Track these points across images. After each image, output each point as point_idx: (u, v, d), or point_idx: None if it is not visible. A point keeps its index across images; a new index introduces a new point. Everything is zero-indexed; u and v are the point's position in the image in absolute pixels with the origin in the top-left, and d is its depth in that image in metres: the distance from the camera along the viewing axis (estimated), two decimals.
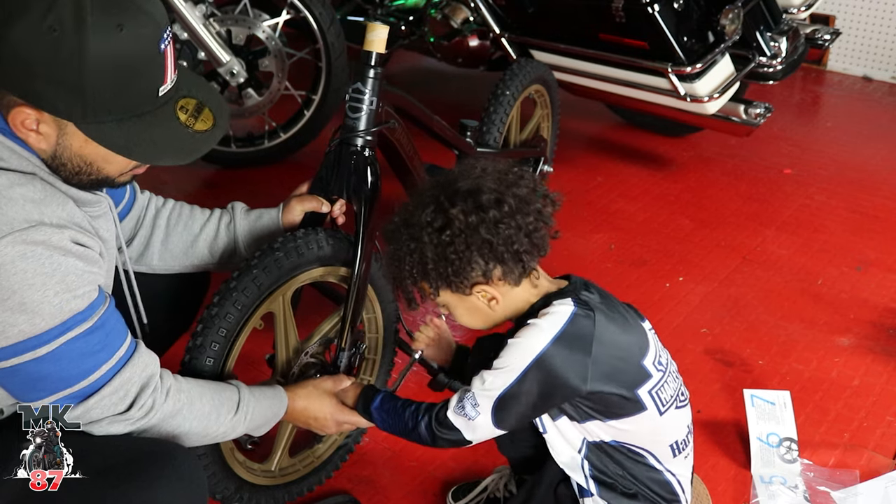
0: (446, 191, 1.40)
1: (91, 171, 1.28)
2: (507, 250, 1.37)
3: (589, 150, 3.57)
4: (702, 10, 2.90)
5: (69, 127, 1.23)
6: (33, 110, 1.20)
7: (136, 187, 1.69)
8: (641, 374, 1.43)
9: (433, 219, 1.38)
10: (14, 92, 1.20)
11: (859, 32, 4.38)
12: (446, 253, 1.37)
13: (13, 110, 1.21)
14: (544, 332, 1.37)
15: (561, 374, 1.36)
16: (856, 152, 3.60)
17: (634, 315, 1.51)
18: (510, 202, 1.38)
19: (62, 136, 1.24)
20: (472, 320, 1.49)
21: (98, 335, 1.26)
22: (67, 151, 1.25)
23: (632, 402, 1.42)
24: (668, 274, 2.72)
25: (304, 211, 1.71)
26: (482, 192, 1.38)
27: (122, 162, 1.28)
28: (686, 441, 1.54)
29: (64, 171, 1.27)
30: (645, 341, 1.47)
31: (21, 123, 1.22)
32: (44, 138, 1.23)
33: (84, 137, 1.23)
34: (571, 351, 1.37)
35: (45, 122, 1.22)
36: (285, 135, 3.26)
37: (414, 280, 1.42)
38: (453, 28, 3.41)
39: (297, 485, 1.80)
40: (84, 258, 1.25)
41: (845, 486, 1.88)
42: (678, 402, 1.51)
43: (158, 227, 1.68)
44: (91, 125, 1.22)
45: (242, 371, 1.64)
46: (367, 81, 1.67)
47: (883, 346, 2.38)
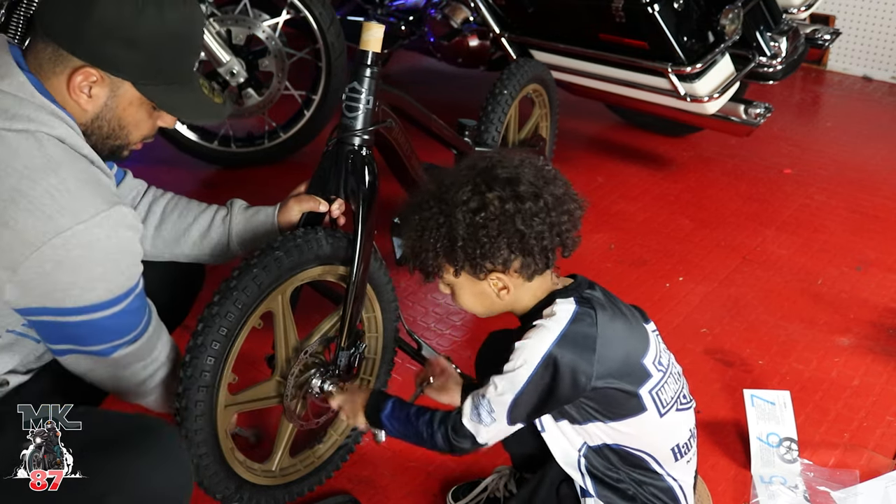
0: (485, 175, 1.40)
1: (119, 136, 1.44)
2: (537, 245, 1.38)
3: (589, 150, 3.57)
4: (702, 10, 2.90)
5: (122, 88, 1.39)
6: (97, 71, 1.35)
7: (129, 172, 1.75)
8: (642, 373, 1.44)
9: (469, 198, 1.37)
10: (85, 55, 1.34)
11: (859, 32, 4.38)
12: (478, 235, 1.36)
13: (76, 72, 1.35)
14: (549, 331, 1.38)
15: (568, 371, 1.37)
16: (856, 152, 3.60)
17: (638, 316, 1.51)
18: (547, 198, 1.39)
19: (112, 98, 1.39)
20: (474, 305, 1.48)
21: (138, 301, 1.46)
22: (110, 113, 1.40)
23: (633, 400, 1.43)
24: (668, 274, 2.72)
25: (301, 211, 1.71)
26: (521, 182, 1.39)
27: (148, 128, 1.47)
28: (688, 445, 1.53)
29: (97, 135, 1.42)
30: (645, 341, 1.47)
31: (78, 85, 1.35)
32: (92, 101, 1.38)
33: (129, 100, 1.40)
34: (576, 348, 1.38)
35: (101, 84, 1.37)
36: (285, 135, 3.26)
37: (436, 254, 1.41)
38: (453, 28, 3.42)
39: (297, 485, 1.80)
40: (139, 231, 1.43)
41: (845, 486, 1.88)
42: (679, 404, 1.51)
43: (153, 213, 1.72)
44: (146, 87, 1.40)
45: (242, 371, 1.64)
46: (364, 81, 1.67)
47: (883, 346, 2.38)
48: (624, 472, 1.48)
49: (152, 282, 1.71)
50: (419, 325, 2.46)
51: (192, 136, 3.26)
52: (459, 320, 2.49)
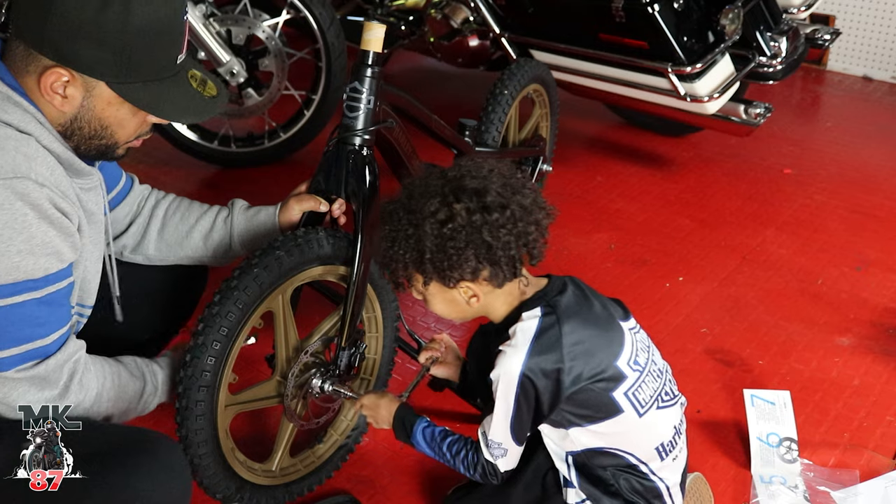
0: (453, 185, 1.41)
1: (104, 136, 1.37)
2: (503, 255, 1.39)
3: (589, 150, 3.57)
4: (702, 9, 2.90)
5: (97, 89, 1.31)
6: (67, 71, 1.29)
7: (135, 178, 1.73)
8: (615, 375, 1.45)
9: (437, 210, 1.38)
10: (51, 55, 1.28)
11: (859, 32, 4.38)
12: (445, 246, 1.38)
13: (46, 72, 1.28)
14: (516, 354, 1.41)
15: (542, 385, 1.41)
16: (856, 152, 3.60)
17: (615, 313, 1.52)
18: (514, 209, 1.40)
19: (87, 98, 1.32)
20: (446, 311, 1.51)
21: (43, 310, 1.29)
22: (89, 114, 1.33)
23: (608, 403, 1.44)
24: (668, 274, 2.72)
25: (302, 210, 1.71)
26: (489, 192, 1.39)
27: (134, 127, 1.39)
28: (673, 443, 1.53)
29: (79, 135, 1.35)
30: (619, 342, 1.48)
31: (50, 86, 1.29)
32: (68, 101, 1.31)
33: (107, 100, 1.33)
34: (545, 363, 1.41)
35: (74, 84, 1.30)
36: (285, 135, 3.26)
37: (405, 266, 1.43)
38: (453, 28, 3.42)
39: (297, 484, 1.80)
40: (58, 226, 1.29)
41: (845, 486, 1.88)
42: (660, 401, 1.51)
43: (156, 216, 1.71)
44: (122, 85, 1.32)
45: (242, 371, 1.64)
46: (365, 80, 1.67)
47: (883, 346, 2.38)
48: (610, 471, 1.50)
49: (155, 284, 1.71)
50: (419, 325, 2.46)
51: (192, 136, 3.26)
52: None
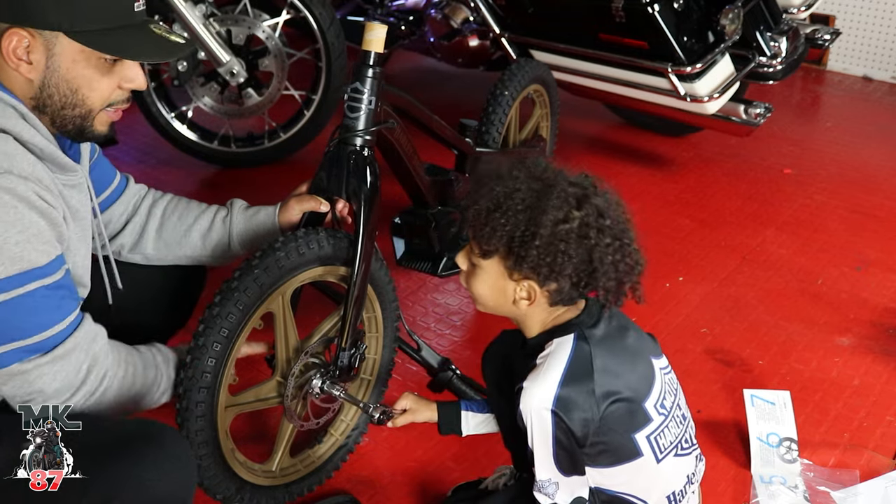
0: (578, 191, 1.39)
1: (76, 103, 1.34)
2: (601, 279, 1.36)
3: (589, 150, 3.57)
4: (702, 10, 2.90)
5: (58, 45, 1.30)
6: (24, 30, 1.27)
7: (130, 177, 1.72)
8: (641, 417, 1.40)
9: (559, 207, 1.35)
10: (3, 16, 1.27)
11: (859, 32, 4.38)
12: (556, 243, 1.34)
13: (4, 35, 1.27)
14: (547, 380, 1.35)
15: (576, 416, 1.35)
16: (856, 152, 3.60)
17: (648, 349, 1.47)
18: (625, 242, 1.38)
19: (51, 59, 1.31)
20: (484, 294, 1.44)
21: (57, 294, 1.30)
22: (55, 76, 1.32)
23: (629, 445, 1.40)
24: (668, 274, 2.72)
25: (302, 211, 1.71)
26: (607, 217, 1.38)
27: (105, 88, 1.36)
28: (684, 492, 1.49)
29: (51, 107, 1.33)
30: (649, 381, 1.43)
31: (13, 52, 1.28)
32: (34, 67, 1.30)
33: (71, 57, 1.31)
34: (576, 392, 1.35)
35: (36, 47, 1.29)
36: (285, 135, 3.26)
37: (500, 237, 1.36)
38: (453, 28, 3.42)
39: (297, 485, 1.80)
40: (47, 216, 1.29)
41: (845, 486, 1.88)
42: (680, 448, 1.46)
43: (154, 216, 1.70)
44: (82, 34, 1.30)
45: (242, 371, 1.64)
46: (366, 81, 1.67)
47: (883, 346, 2.38)
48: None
49: (154, 285, 1.71)
50: (419, 325, 2.46)
51: (192, 136, 3.26)
52: (459, 320, 2.49)
